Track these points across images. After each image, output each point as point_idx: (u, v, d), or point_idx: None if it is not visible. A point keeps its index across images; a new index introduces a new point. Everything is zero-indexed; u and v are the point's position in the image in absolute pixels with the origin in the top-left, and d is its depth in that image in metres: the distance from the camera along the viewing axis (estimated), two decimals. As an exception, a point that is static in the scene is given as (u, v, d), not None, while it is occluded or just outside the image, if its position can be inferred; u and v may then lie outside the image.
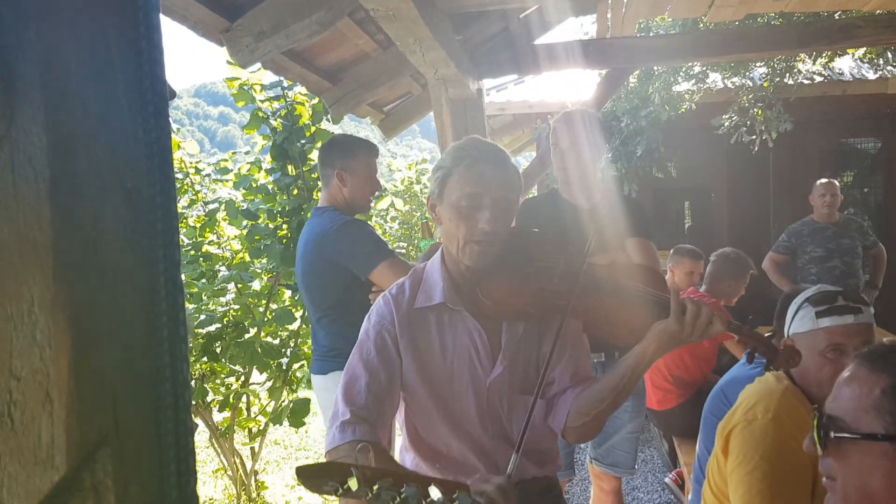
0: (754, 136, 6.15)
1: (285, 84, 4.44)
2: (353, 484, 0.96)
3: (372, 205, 3.19)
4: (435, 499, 0.98)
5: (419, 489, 0.99)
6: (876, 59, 6.93)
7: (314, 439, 6.73)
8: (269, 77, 4.44)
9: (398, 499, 0.97)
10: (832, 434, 1.16)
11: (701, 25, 5.54)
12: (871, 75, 6.96)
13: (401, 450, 1.90)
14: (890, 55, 6.91)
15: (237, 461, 4.72)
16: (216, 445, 4.71)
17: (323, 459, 1.64)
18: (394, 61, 4.09)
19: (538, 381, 1.58)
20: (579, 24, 9.00)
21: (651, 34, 5.89)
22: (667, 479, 4.52)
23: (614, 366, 1.71)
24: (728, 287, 4.54)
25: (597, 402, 1.70)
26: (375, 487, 0.97)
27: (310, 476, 0.98)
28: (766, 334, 2.09)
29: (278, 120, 4.46)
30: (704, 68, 6.49)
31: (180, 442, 0.88)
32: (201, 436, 5.58)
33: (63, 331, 0.72)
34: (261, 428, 4.75)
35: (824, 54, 6.42)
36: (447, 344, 1.76)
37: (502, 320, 1.75)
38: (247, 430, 4.78)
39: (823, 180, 5.61)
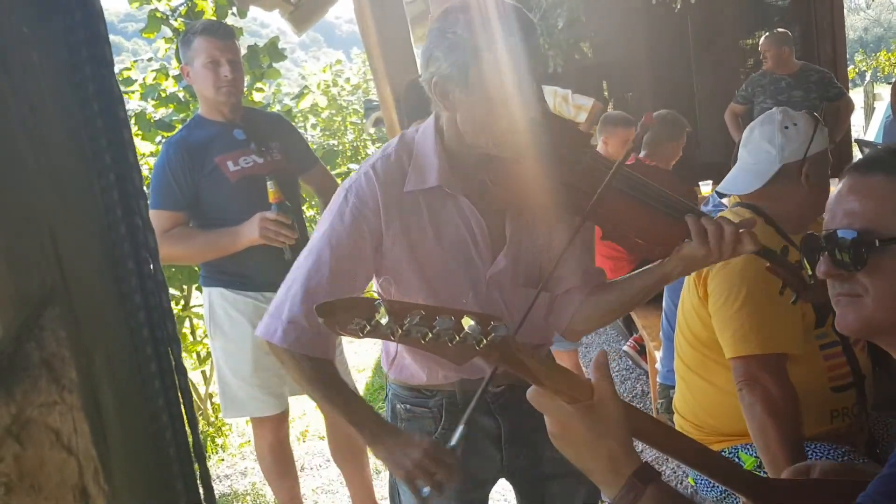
0: (676, -5, 6.00)
1: (181, -21, 4.07)
2: (382, 319, 0.81)
3: (219, 93, 2.61)
4: (469, 331, 0.84)
5: (453, 321, 0.85)
6: None
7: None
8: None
9: (430, 333, 0.82)
10: (876, 243, 1.03)
11: None
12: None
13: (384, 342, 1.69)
14: None
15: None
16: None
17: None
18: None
19: (545, 276, 1.45)
20: None
21: None
22: (625, 347, 4.53)
23: (630, 278, 1.62)
24: (667, 149, 4.45)
25: (607, 313, 1.67)
26: (406, 322, 0.82)
27: (332, 313, 0.83)
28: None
29: (179, 20, 4.10)
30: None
31: (150, 301, 0.68)
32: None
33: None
34: (209, 350, 4.54)
35: None
36: (441, 233, 1.55)
37: (507, 209, 1.56)
38: (194, 354, 4.58)
39: (767, 34, 5.45)
